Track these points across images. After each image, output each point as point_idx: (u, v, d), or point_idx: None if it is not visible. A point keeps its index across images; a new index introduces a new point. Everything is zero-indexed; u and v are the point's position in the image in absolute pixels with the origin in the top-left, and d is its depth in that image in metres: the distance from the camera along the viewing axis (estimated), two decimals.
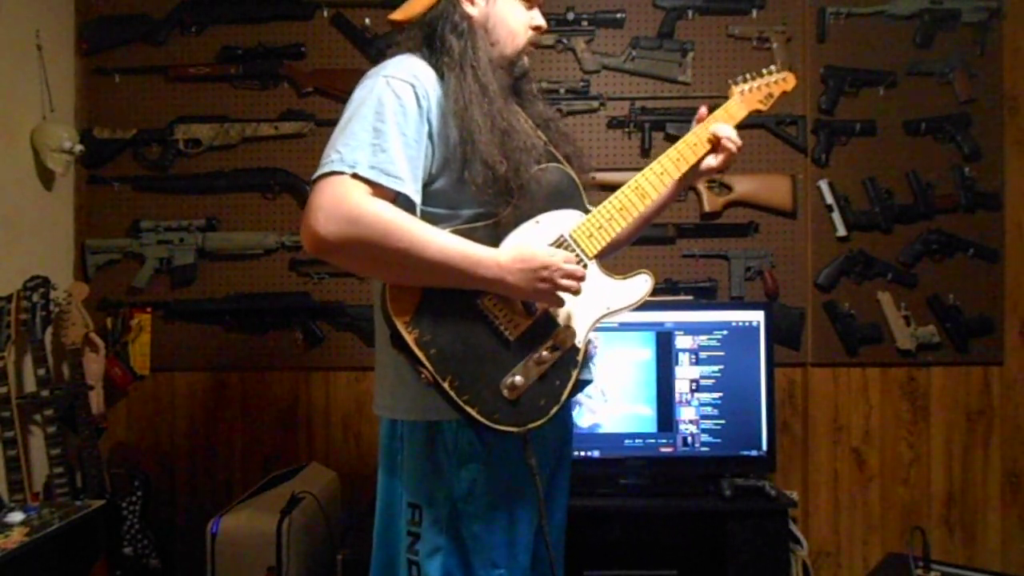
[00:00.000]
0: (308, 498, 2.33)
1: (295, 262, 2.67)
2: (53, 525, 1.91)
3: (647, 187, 1.45)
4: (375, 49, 2.62)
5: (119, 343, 2.63)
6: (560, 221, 1.37)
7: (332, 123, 2.72)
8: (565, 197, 1.39)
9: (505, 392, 1.27)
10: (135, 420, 2.72)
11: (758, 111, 1.60)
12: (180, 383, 2.72)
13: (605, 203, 1.41)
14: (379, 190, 1.21)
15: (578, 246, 1.37)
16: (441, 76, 1.32)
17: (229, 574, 2.16)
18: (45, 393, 2.28)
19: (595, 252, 1.38)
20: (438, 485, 1.32)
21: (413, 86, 1.27)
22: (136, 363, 2.64)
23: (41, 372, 2.28)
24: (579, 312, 1.37)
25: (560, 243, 1.36)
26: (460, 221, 1.31)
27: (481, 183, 1.26)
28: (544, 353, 1.31)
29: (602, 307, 1.39)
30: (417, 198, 1.27)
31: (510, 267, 1.26)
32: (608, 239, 1.40)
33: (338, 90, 2.63)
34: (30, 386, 2.35)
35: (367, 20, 2.65)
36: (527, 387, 1.29)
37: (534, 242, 1.33)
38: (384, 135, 1.22)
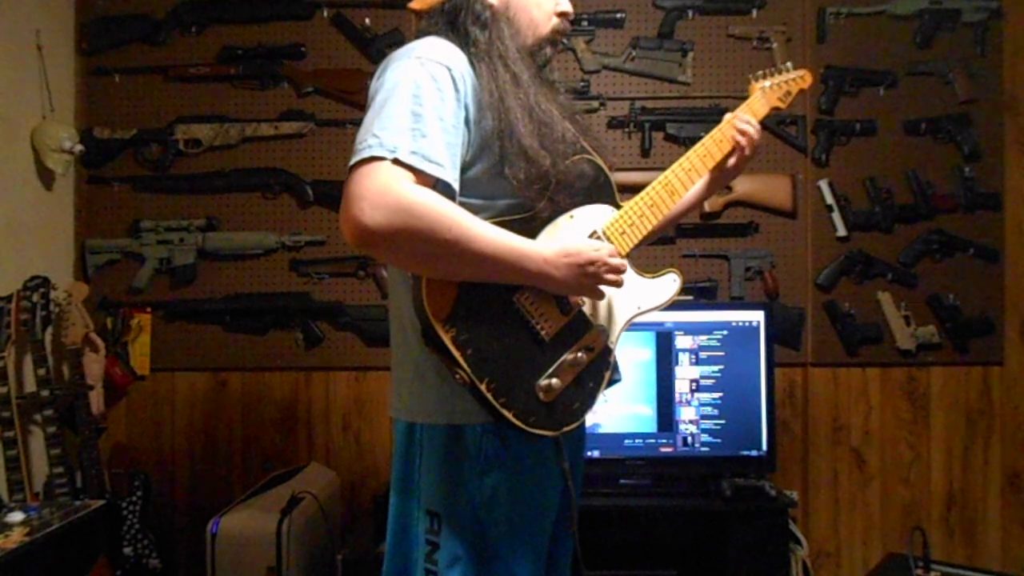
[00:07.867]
0: (308, 498, 2.33)
1: (295, 262, 2.67)
2: (53, 525, 1.91)
3: (676, 183, 1.44)
4: (375, 49, 2.60)
5: (119, 343, 2.63)
6: (593, 216, 1.34)
7: (332, 123, 2.71)
8: (597, 190, 1.36)
9: (540, 395, 1.23)
10: (135, 420, 2.72)
11: (777, 108, 1.59)
12: (180, 383, 2.72)
13: (635, 199, 1.38)
14: (420, 177, 1.13)
15: (610, 244, 1.33)
16: (471, 63, 1.26)
17: (229, 574, 2.16)
18: (45, 393, 2.28)
19: (627, 250, 1.36)
20: (459, 492, 1.26)
21: (449, 69, 1.20)
22: (136, 363, 2.65)
23: (41, 372, 2.28)
24: (612, 312, 1.35)
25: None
26: (495, 212, 1.25)
27: (523, 179, 1.22)
28: (579, 355, 1.27)
29: (633, 307, 1.37)
30: (456, 186, 1.20)
31: (555, 261, 1.21)
32: (639, 237, 1.37)
33: (338, 90, 2.61)
34: (30, 386, 2.35)
35: (367, 20, 2.64)
36: (562, 390, 1.25)
37: (576, 236, 1.30)
38: (423, 119, 1.15)
